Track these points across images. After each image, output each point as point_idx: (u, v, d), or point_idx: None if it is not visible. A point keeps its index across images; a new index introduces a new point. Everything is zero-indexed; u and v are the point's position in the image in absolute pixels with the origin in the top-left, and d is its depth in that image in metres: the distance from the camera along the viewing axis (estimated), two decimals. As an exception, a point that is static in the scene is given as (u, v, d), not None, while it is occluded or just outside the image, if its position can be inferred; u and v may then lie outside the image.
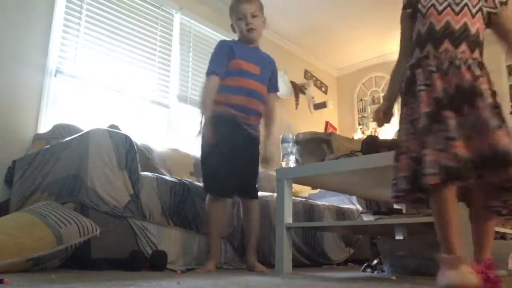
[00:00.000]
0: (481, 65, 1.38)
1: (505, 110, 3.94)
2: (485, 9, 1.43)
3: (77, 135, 2.11)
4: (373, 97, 5.03)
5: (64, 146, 2.12)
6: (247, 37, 2.31)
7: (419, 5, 1.48)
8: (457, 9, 1.40)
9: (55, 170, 2.10)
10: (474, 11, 1.40)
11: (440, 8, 1.42)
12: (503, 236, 2.02)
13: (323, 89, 5.14)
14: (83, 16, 2.97)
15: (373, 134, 4.73)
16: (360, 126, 5.04)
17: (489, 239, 1.35)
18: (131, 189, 2.00)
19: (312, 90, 4.89)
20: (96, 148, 1.93)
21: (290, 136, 3.94)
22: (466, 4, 1.40)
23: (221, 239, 2.29)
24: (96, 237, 1.77)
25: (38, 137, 2.53)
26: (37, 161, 2.25)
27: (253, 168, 2.28)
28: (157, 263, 1.97)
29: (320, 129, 4.89)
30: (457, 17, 1.39)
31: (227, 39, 2.61)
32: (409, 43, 1.56)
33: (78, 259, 1.84)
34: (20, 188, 2.28)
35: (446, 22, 1.40)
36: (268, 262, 2.44)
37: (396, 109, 1.56)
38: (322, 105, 4.89)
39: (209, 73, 2.26)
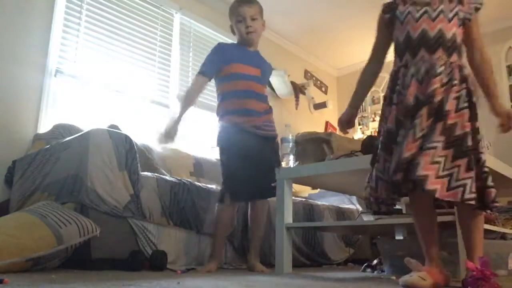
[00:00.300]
0: (460, 68, 1.38)
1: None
2: (461, 14, 1.43)
3: (77, 135, 2.12)
4: (373, 97, 5.02)
5: (64, 146, 2.12)
6: (246, 40, 2.32)
7: (398, 12, 1.48)
8: (433, 15, 1.41)
9: (55, 170, 2.10)
10: (450, 16, 1.41)
11: (416, 15, 1.43)
12: (503, 236, 2.01)
13: (323, 89, 5.14)
14: (83, 16, 2.97)
15: (373, 134, 4.73)
16: (360, 126, 5.04)
17: (476, 237, 1.35)
18: (131, 189, 2.00)
19: (312, 90, 4.89)
20: (96, 148, 1.93)
21: (290, 136, 3.94)
22: (442, 10, 1.41)
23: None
24: (96, 237, 1.77)
25: (38, 137, 2.53)
26: (37, 161, 2.25)
27: (268, 170, 2.27)
28: (157, 263, 1.97)
29: (320, 129, 4.89)
30: (433, 23, 1.40)
31: (227, 40, 2.61)
32: (381, 49, 1.59)
33: (78, 259, 1.84)
34: (20, 188, 2.28)
35: (422, 30, 1.41)
36: (268, 262, 2.44)
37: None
38: (322, 105, 4.88)
39: (198, 73, 2.30)
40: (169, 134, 2.16)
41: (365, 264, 2.42)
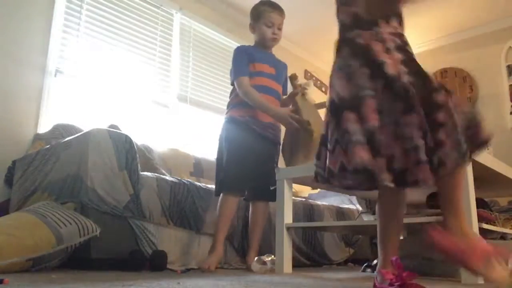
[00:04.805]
0: None
1: (505, 110, 3.97)
2: None
3: (77, 135, 2.12)
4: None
5: (64, 146, 2.12)
6: (268, 44, 2.42)
7: None
8: None
9: (55, 170, 2.10)
10: None
11: None
12: (503, 236, 2.01)
13: (323, 89, 5.14)
14: (83, 16, 2.98)
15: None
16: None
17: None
18: (131, 189, 2.00)
19: (312, 90, 4.89)
20: (96, 148, 1.93)
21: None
22: None
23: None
24: (96, 237, 1.77)
25: (38, 137, 2.53)
26: (37, 161, 2.25)
27: (267, 172, 2.28)
28: (157, 263, 1.97)
29: (320, 129, 4.88)
30: None
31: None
32: None
33: (78, 259, 1.84)
34: (20, 188, 2.28)
35: None
36: (268, 262, 2.44)
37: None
38: (322, 105, 4.86)
39: (238, 77, 2.31)
40: (300, 122, 2.22)
41: (365, 264, 2.42)
